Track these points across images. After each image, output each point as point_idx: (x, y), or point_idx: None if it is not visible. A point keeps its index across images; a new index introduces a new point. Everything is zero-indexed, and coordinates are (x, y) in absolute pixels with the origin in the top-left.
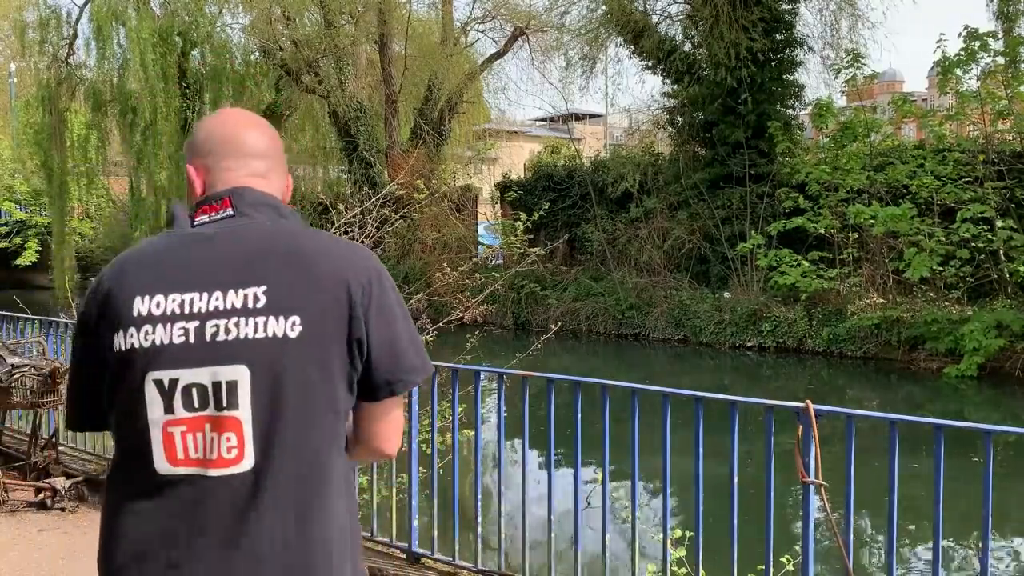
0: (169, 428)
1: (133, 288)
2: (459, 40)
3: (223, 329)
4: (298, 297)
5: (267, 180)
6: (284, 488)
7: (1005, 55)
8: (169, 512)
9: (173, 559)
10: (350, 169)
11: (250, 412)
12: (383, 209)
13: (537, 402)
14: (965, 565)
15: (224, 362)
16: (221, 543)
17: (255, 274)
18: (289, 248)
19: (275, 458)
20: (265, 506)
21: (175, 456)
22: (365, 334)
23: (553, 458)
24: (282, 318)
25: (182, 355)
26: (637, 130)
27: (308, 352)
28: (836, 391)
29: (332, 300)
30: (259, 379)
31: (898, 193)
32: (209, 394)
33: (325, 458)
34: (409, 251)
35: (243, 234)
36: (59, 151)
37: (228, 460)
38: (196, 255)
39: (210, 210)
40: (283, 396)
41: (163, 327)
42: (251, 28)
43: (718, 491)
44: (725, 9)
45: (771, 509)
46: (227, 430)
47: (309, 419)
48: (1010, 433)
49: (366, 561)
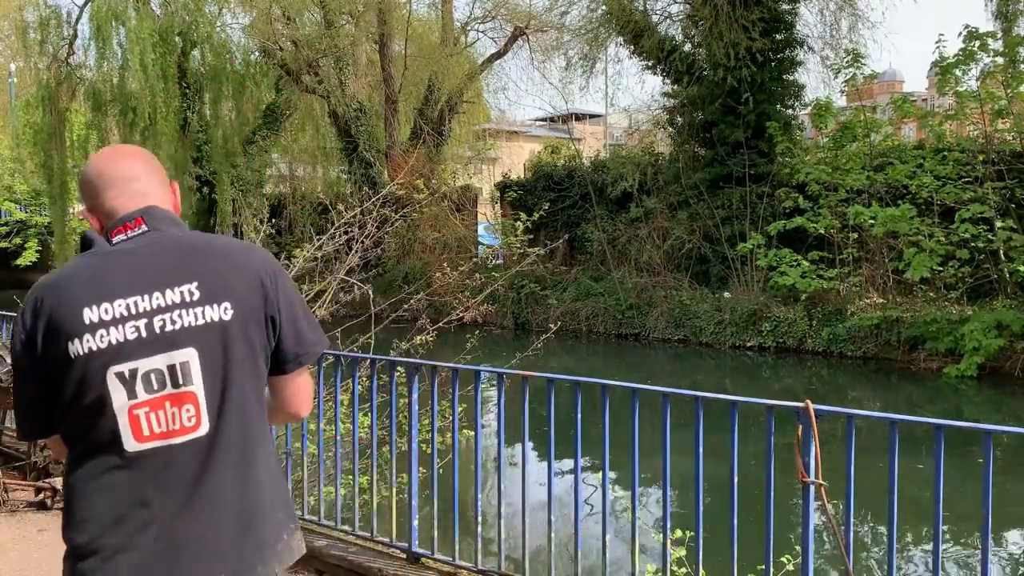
0: (134, 411)
1: (78, 301)
2: (459, 40)
3: (169, 321)
4: (224, 286)
5: (146, 197)
6: (231, 446)
7: (1004, 55)
8: (139, 481)
9: (147, 518)
10: (350, 169)
11: (202, 386)
12: (383, 209)
13: (537, 402)
14: (965, 565)
15: (176, 347)
16: (185, 495)
17: (184, 273)
18: (205, 249)
19: (224, 422)
20: (218, 462)
21: (141, 434)
22: (277, 312)
23: (553, 458)
24: (216, 305)
25: (137, 348)
26: (637, 130)
27: (239, 331)
28: (836, 391)
29: (250, 287)
30: (206, 357)
31: (898, 193)
32: (166, 376)
33: (257, 419)
34: (409, 251)
35: (163, 244)
36: (59, 151)
37: (188, 428)
38: (128, 266)
39: (125, 229)
40: (226, 370)
41: (116, 328)
42: (251, 28)
43: (718, 491)
44: (725, 9)
45: (771, 509)
46: (186, 403)
47: (245, 387)
48: (1010, 433)
49: (366, 561)
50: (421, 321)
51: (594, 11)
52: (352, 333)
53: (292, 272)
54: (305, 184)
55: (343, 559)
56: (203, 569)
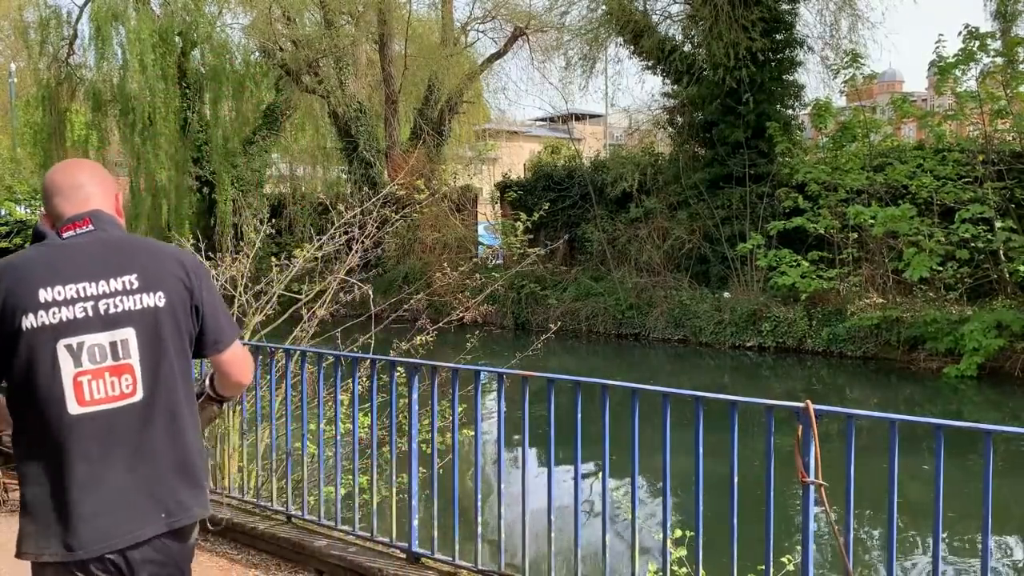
0: (79, 378)
1: (35, 282)
2: (459, 40)
3: (112, 305)
4: (159, 279)
5: (88, 202)
6: (163, 410)
7: (1004, 55)
8: (84, 440)
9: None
10: (350, 169)
11: (139, 360)
12: (383, 209)
13: (537, 402)
14: (965, 565)
15: (117, 327)
16: (128, 451)
17: (126, 266)
18: (142, 247)
19: (156, 390)
20: (153, 423)
21: (83, 398)
22: (202, 301)
23: (553, 458)
24: (151, 293)
25: (84, 325)
26: (637, 130)
27: (169, 316)
28: (836, 391)
29: (179, 280)
30: (142, 336)
31: (898, 193)
32: (107, 351)
33: (183, 387)
34: (409, 251)
35: (107, 241)
36: (59, 151)
37: (127, 394)
38: (77, 257)
39: (74, 227)
40: (158, 347)
41: (67, 308)
42: (251, 28)
43: (718, 491)
44: (725, 9)
45: (771, 509)
46: (124, 373)
47: (173, 363)
48: (1010, 433)
49: (366, 561)
50: (421, 321)
51: (594, 11)
52: (352, 333)
53: (292, 272)
54: (305, 184)
55: (343, 559)
56: (153, 505)
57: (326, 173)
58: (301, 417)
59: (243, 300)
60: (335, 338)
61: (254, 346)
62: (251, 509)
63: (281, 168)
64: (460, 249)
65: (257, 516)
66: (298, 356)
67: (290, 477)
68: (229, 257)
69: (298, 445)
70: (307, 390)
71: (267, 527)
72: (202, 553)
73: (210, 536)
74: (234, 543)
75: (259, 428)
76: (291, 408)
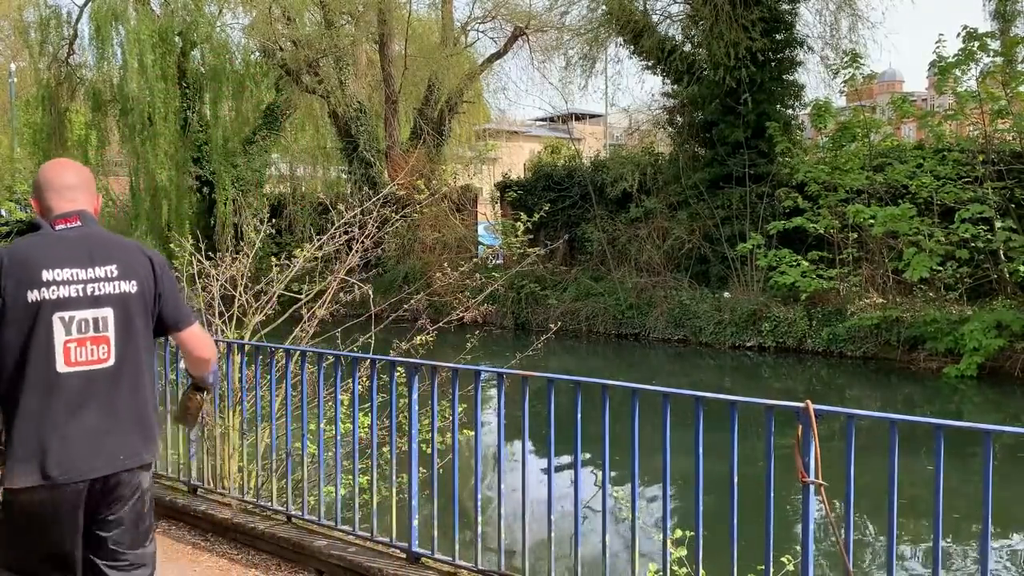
0: (68, 344)
1: (39, 263)
2: (459, 40)
3: (97, 288)
4: (133, 270)
5: (76, 202)
6: (129, 374)
7: (1003, 55)
8: (69, 393)
9: (77, 417)
10: (350, 169)
11: (114, 333)
12: (383, 209)
13: (537, 402)
14: (965, 565)
15: (100, 306)
16: (101, 402)
17: (108, 257)
18: (120, 243)
19: (124, 358)
20: (121, 383)
21: (69, 360)
22: (164, 292)
23: (553, 458)
24: (127, 281)
25: (76, 303)
26: (637, 130)
27: (139, 301)
28: (836, 391)
29: (147, 271)
30: (118, 316)
31: (897, 193)
32: (91, 324)
33: (144, 357)
34: (409, 251)
35: (92, 236)
36: (59, 151)
37: (103, 359)
38: (71, 247)
39: (66, 222)
40: (129, 325)
41: (64, 287)
42: (251, 28)
43: (718, 491)
44: (725, 9)
45: (771, 509)
46: (102, 343)
47: (139, 338)
48: (1010, 433)
49: (366, 561)
50: (421, 321)
51: (594, 11)
52: (352, 333)
53: (292, 272)
54: (305, 184)
55: (343, 559)
56: (115, 448)
57: (326, 173)
58: (301, 417)
59: (243, 300)
60: (335, 338)
61: (254, 346)
62: (251, 509)
63: (281, 168)
64: (460, 249)
65: (257, 516)
66: (298, 356)
67: (290, 477)
68: (229, 257)
69: (298, 445)
70: (307, 390)
71: (267, 527)
72: (202, 553)
73: (210, 536)
74: (234, 543)
75: (259, 428)
76: (291, 408)
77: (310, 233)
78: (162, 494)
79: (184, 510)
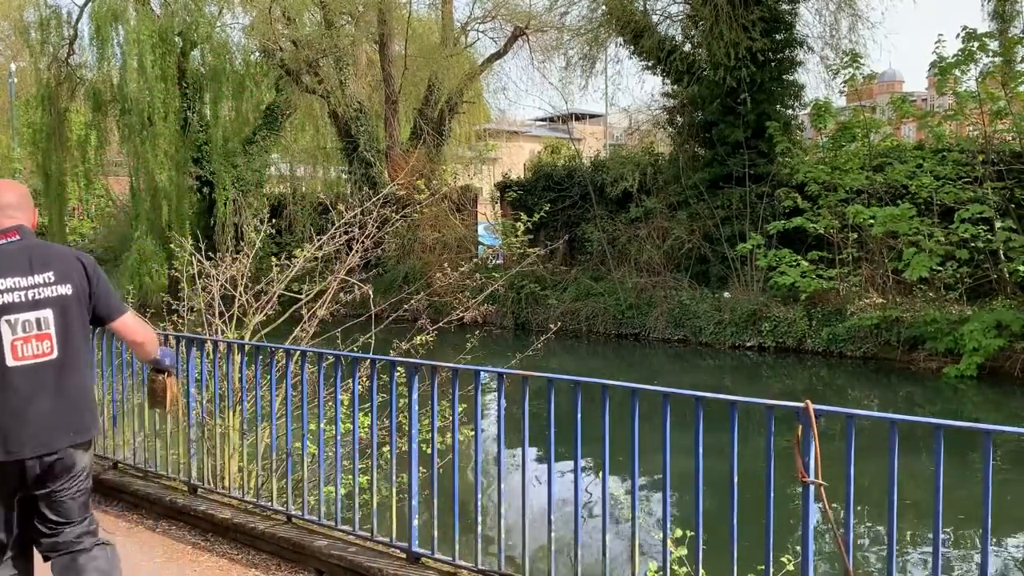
0: (15, 343)
1: None
2: (459, 40)
3: (37, 293)
4: (67, 275)
5: (14, 219)
6: (70, 366)
7: (1002, 55)
8: (16, 384)
9: (28, 405)
10: (350, 169)
11: (54, 331)
12: (383, 209)
13: (537, 402)
14: (965, 565)
15: (41, 309)
16: (48, 392)
17: (44, 266)
18: (55, 252)
19: (66, 352)
20: (64, 374)
21: (16, 355)
22: (96, 290)
23: (553, 458)
24: (63, 285)
25: (20, 307)
26: (637, 130)
27: (75, 301)
28: (836, 391)
29: (80, 274)
30: (57, 316)
31: (897, 193)
32: (34, 324)
33: (83, 349)
34: (409, 251)
35: (30, 247)
36: (59, 151)
37: (47, 353)
38: (12, 258)
39: (6, 236)
40: (67, 322)
41: (9, 294)
42: (251, 28)
43: (718, 491)
44: (725, 9)
45: (771, 509)
46: (45, 339)
47: (77, 333)
48: (1010, 433)
49: (366, 561)
50: (421, 321)
51: (594, 11)
52: (352, 333)
53: (292, 272)
54: (305, 184)
55: (343, 559)
56: (61, 430)
57: (326, 173)
58: (301, 417)
59: (243, 300)
60: (335, 338)
61: (254, 346)
62: (251, 509)
63: (281, 168)
64: (460, 249)
65: (257, 516)
66: (298, 356)
67: (290, 477)
68: (229, 257)
69: (298, 445)
70: (307, 390)
71: (267, 527)
72: (202, 553)
73: (210, 536)
74: (234, 543)
75: (259, 428)
76: (291, 408)
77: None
78: (162, 494)
79: (184, 510)
